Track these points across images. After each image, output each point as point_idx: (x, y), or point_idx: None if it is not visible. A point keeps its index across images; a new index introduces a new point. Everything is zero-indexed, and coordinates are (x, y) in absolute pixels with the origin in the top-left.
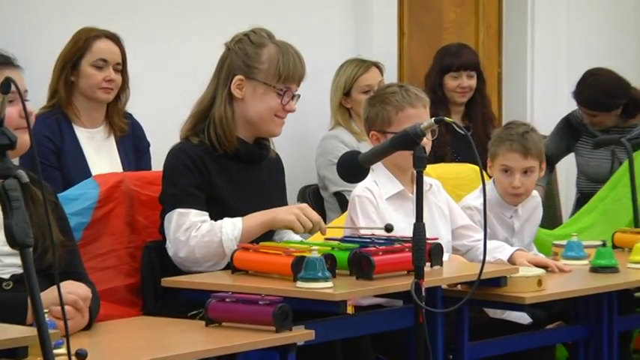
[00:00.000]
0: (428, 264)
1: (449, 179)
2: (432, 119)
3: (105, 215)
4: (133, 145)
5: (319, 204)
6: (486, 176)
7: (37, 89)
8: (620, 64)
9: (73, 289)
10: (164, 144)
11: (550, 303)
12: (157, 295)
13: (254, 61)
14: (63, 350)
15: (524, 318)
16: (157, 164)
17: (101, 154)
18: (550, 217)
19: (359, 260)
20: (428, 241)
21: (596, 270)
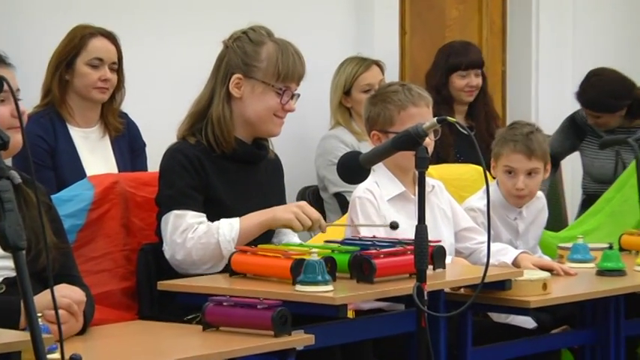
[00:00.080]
0: (430, 267)
1: (451, 180)
2: (435, 119)
3: (100, 217)
4: (128, 145)
5: (319, 205)
6: (490, 177)
7: (31, 88)
8: (627, 61)
9: (67, 292)
10: (160, 144)
11: (555, 307)
12: (153, 299)
13: (253, 60)
14: (57, 355)
15: (528, 322)
16: (153, 165)
17: (96, 154)
18: (555, 219)
19: (360, 263)
20: (430, 244)
21: (603, 273)
